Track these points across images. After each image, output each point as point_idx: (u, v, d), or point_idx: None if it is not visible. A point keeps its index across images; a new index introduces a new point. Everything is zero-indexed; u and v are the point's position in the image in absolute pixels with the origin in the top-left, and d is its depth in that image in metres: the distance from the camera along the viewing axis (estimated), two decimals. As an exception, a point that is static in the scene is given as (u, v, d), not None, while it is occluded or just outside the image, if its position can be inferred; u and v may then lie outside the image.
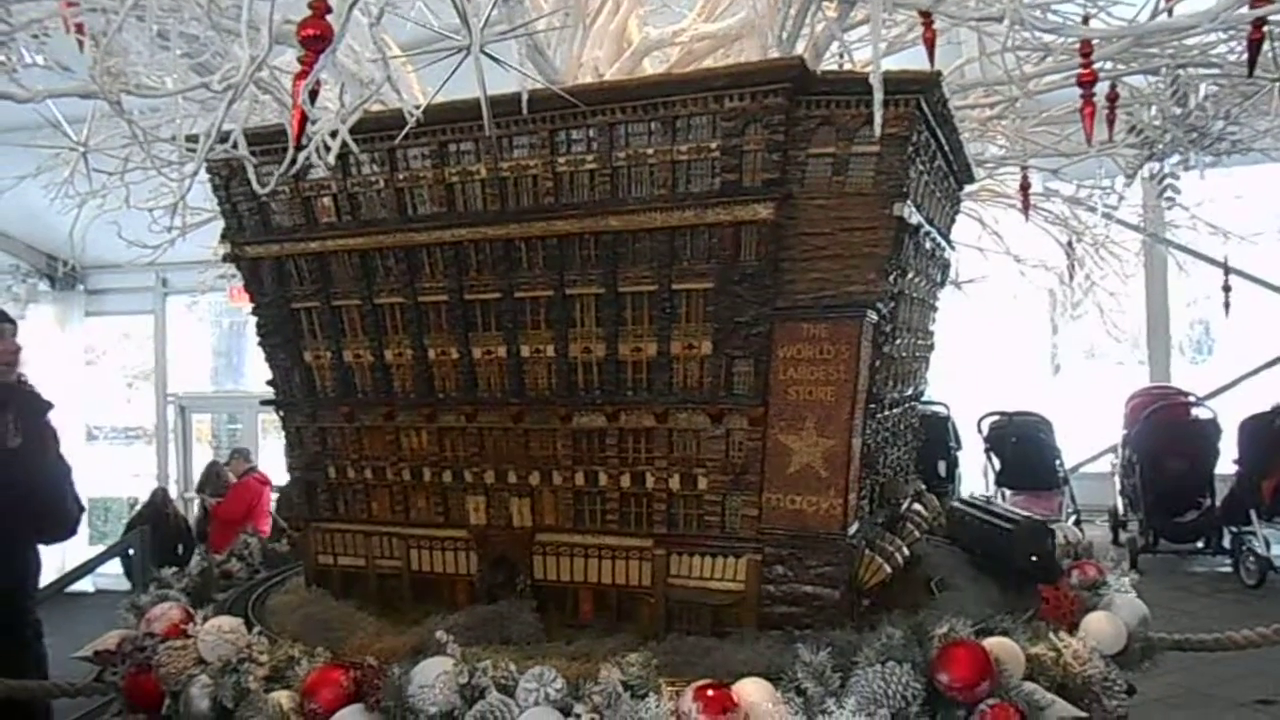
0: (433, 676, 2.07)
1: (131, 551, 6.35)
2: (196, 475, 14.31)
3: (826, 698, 2.07)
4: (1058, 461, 9.93)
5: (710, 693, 2.04)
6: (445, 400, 2.94)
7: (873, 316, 2.58)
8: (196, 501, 9.86)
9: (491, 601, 2.84)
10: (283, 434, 3.27)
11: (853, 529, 2.59)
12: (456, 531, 2.96)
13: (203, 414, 16.31)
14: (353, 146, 2.07)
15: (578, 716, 1.98)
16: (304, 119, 1.47)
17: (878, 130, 2.04)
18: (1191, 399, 9.84)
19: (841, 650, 2.26)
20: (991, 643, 2.27)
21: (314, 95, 1.45)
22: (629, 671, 2.09)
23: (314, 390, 3.13)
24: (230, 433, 16.33)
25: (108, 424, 16.13)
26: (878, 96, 1.85)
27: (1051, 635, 2.47)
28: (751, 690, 2.08)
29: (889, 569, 2.76)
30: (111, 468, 14.66)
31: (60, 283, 15.10)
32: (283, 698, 2.19)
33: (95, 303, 15.70)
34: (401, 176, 2.85)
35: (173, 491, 13.71)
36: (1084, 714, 2.25)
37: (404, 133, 2.39)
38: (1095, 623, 2.57)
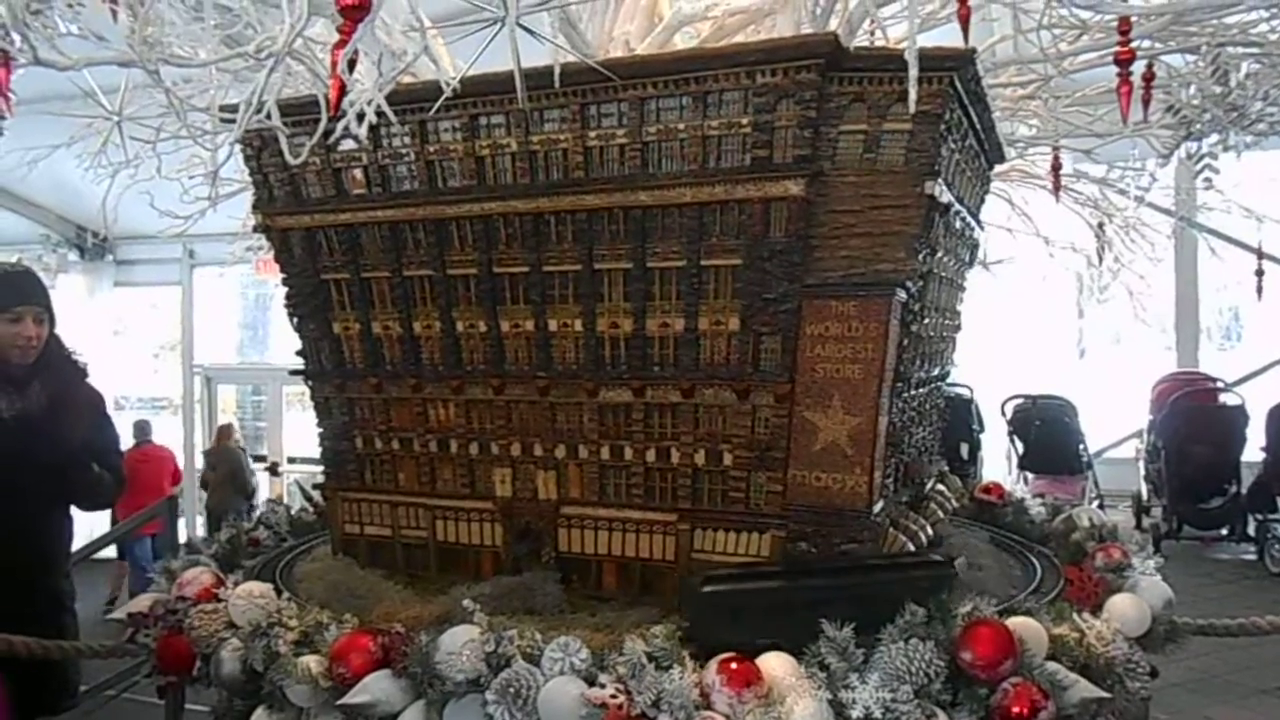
0: (459, 644, 2.10)
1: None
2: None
3: (850, 673, 2.08)
4: (1081, 446, 9.87)
5: (734, 665, 2.05)
6: (473, 373, 2.96)
7: (901, 295, 2.57)
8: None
9: (516, 573, 2.87)
10: (308, 406, 3.30)
11: (877, 507, 2.59)
12: (482, 503, 2.98)
13: (228, 385, 16.48)
14: (390, 116, 2.08)
15: (602, 686, 2.00)
16: (342, 89, 1.48)
17: (912, 107, 2.02)
18: (1219, 385, 9.75)
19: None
20: (1015, 622, 2.27)
21: (351, 65, 1.46)
22: (653, 643, 2.11)
23: (342, 361, 3.15)
24: (255, 404, 16.48)
25: (134, 394, 16.30)
26: (913, 73, 1.84)
27: (1075, 616, 2.47)
28: (775, 664, 2.09)
29: (912, 548, 2.76)
30: (138, 437, 14.82)
31: (90, 253, 15.26)
32: (311, 662, 2.22)
33: (124, 273, 15.87)
34: (432, 149, 2.85)
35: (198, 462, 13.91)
36: (1106, 695, 2.25)
37: (436, 105, 2.39)
38: (1119, 605, 2.56)
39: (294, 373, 3.30)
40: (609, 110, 2.65)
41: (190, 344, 15.58)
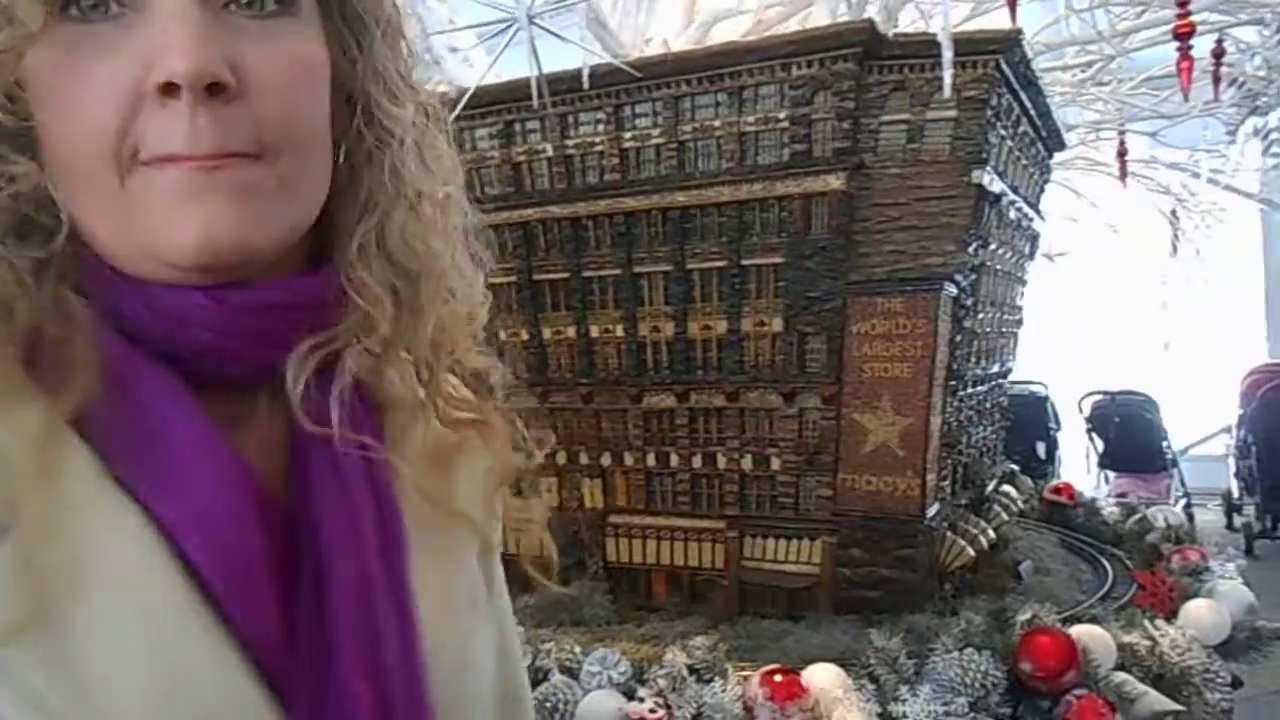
0: (496, 658, 2.06)
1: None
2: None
3: (900, 685, 1.99)
4: (1165, 443, 9.47)
5: (778, 678, 1.97)
6: (518, 381, 2.92)
7: (951, 289, 2.47)
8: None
9: (565, 584, 2.83)
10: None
11: (931, 510, 2.49)
12: (530, 513, 2.94)
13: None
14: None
15: (641, 700, 1.94)
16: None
17: (947, 91, 1.94)
18: (1313, 376, 9.28)
19: (919, 636, 2.18)
20: (1079, 630, 2.15)
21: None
22: (695, 655, 2.04)
23: (389, 373, 3.15)
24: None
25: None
26: (946, 55, 1.76)
27: (1147, 623, 2.33)
28: (821, 676, 2.01)
29: (972, 552, 2.65)
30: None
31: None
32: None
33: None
34: (469, 157, 2.84)
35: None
36: (1180, 707, 2.11)
37: (455, 112, 2.36)
38: (1195, 610, 2.41)
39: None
40: (643, 110, 2.60)
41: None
